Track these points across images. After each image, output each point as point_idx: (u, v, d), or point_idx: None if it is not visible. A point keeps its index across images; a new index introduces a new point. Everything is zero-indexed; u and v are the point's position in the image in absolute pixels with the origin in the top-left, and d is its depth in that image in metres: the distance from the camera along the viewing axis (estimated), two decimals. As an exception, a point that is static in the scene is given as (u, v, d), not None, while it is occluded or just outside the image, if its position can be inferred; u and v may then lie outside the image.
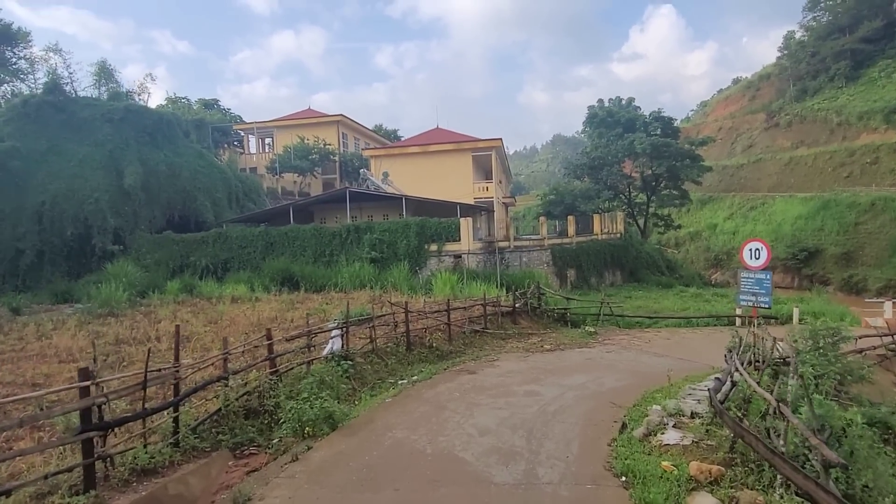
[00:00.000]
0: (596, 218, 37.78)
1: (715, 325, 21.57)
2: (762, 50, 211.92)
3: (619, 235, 39.36)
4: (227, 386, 7.70)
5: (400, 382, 10.98)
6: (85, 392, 5.10)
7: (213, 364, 8.44)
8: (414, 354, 13.40)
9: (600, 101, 58.82)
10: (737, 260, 53.81)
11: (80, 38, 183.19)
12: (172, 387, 6.83)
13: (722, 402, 6.61)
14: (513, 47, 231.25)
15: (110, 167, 31.34)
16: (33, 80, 35.03)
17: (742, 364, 7.89)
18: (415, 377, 11.42)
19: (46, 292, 27.25)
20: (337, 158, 49.58)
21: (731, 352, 10.99)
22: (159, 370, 6.85)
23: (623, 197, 51.74)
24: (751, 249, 11.78)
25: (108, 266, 25.65)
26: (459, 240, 29.22)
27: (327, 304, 21.29)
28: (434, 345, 14.30)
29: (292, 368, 9.66)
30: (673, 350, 15.58)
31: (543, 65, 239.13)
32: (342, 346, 11.26)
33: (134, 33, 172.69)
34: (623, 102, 57.24)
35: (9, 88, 35.09)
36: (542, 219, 34.31)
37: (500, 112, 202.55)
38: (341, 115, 53.48)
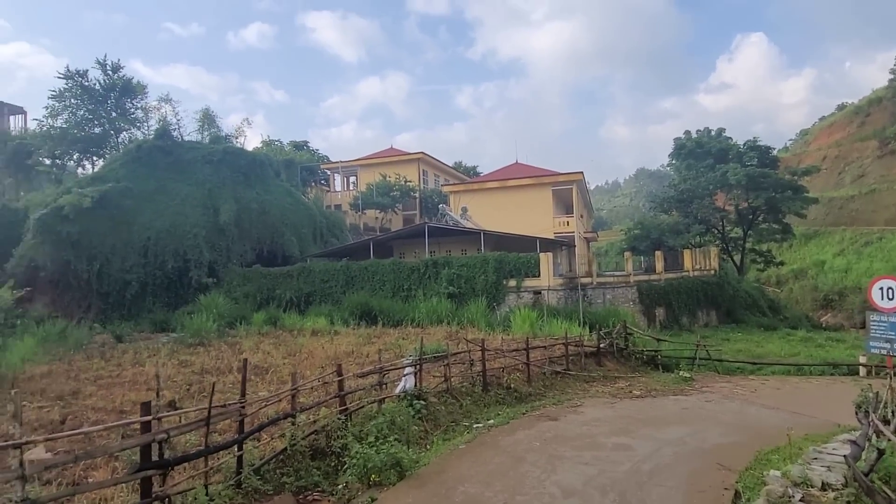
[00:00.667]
0: (686, 253, 35.45)
1: (832, 375, 19.10)
2: (869, 74, 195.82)
3: (712, 272, 36.64)
4: (294, 424, 7.40)
5: (475, 426, 10.28)
6: (146, 427, 4.91)
7: (282, 399, 8.20)
8: (490, 396, 12.65)
9: (687, 132, 56.03)
10: (851, 300, 48.72)
11: (192, 91, 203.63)
12: (237, 423, 6.57)
13: (866, 475, 5.40)
14: (593, 82, 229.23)
15: (208, 205, 33.49)
16: (147, 128, 38.59)
17: (884, 425, 6.55)
18: (491, 421, 10.67)
19: (147, 321, 29.13)
20: (417, 195, 50.43)
21: (859, 407, 9.39)
22: (224, 405, 6.64)
23: (716, 231, 48.48)
24: (882, 288, 10.11)
25: (201, 298, 27.01)
26: (539, 275, 28.28)
27: (403, 339, 21.03)
28: (512, 386, 13.48)
29: (363, 407, 9.26)
30: (786, 402, 13.74)
31: (625, 98, 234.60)
32: (415, 385, 10.76)
33: (238, 85, 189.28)
34: (712, 133, 54.29)
35: (127, 136, 38.79)
36: (627, 254, 32.64)
37: (581, 147, 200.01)
38: (422, 152, 54.64)
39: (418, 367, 10.92)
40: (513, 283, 28.59)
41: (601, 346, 18.42)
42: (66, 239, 29.55)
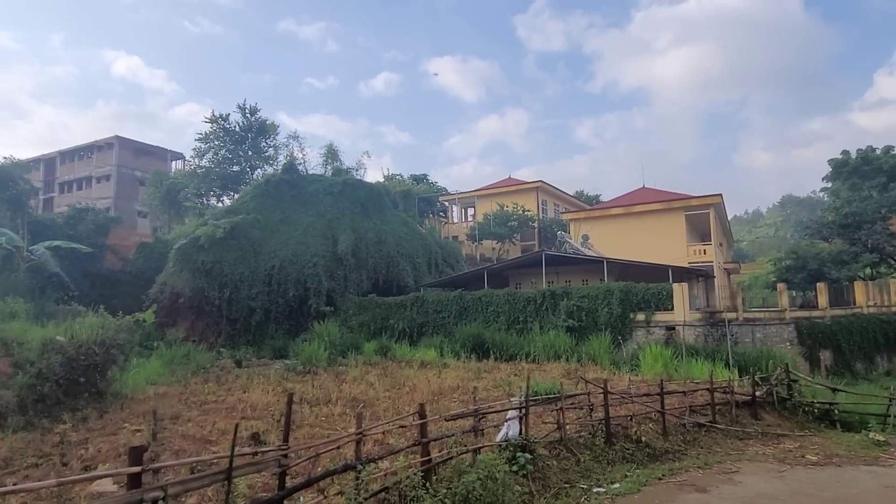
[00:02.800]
0: (858, 286, 29.66)
1: None
2: None
3: (895, 310, 30.24)
4: (358, 478, 5.95)
5: (596, 492, 8.14)
6: (135, 482, 3.73)
7: (341, 446, 6.80)
8: (615, 451, 10.31)
9: (846, 151, 47.99)
10: None
11: (327, 137, 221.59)
12: (278, 477, 5.24)
13: None
14: (725, 107, 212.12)
15: (328, 235, 34.35)
16: (277, 164, 41.08)
17: None
18: (616, 485, 8.45)
19: (269, 347, 30.05)
20: (536, 224, 48.53)
21: None
22: (255, 453, 5.33)
23: (893, 262, 40.68)
24: None
25: (315, 325, 27.19)
26: (672, 308, 24.96)
27: (515, 374, 19.11)
28: (643, 439, 10.99)
29: (452, 458, 7.59)
30: None
31: (764, 122, 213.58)
32: (520, 432, 8.89)
33: (367, 130, 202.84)
34: (877, 151, 46.11)
35: (260, 172, 41.64)
36: (780, 285, 27.90)
37: (714, 176, 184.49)
38: (540, 181, 52.87)
39: (524, 410, 9.04)
40: (641, 316, 25.53)
41: (757, 394, 15.02)
42: (200, 267, 31.66)
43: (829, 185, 51.24)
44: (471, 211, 57.20)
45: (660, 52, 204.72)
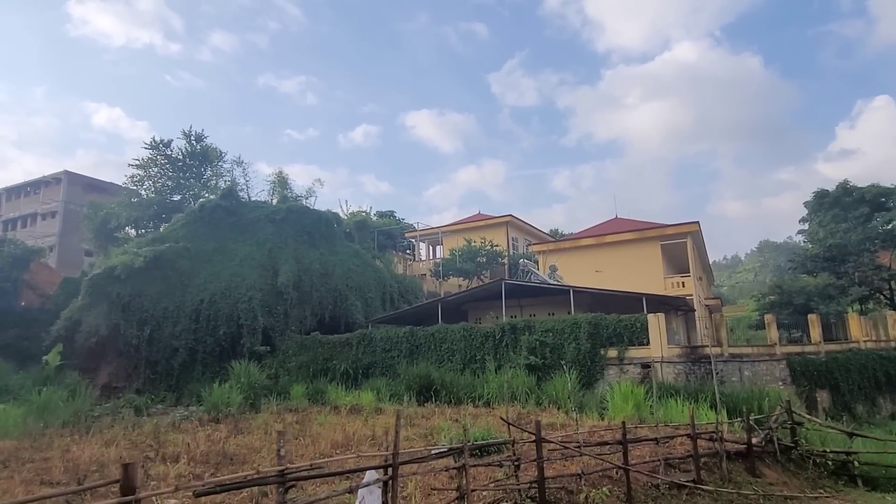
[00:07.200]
0: (853, 319, 26.72)
1: None
2: None
3: (893, 345, 27.27)
4: None
5: None
6: None
7: None
8: (551, 532, 6.76)
9: (824, 189, 45.69)
10: None
11: (307, 186, 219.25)
12: None
13: None
14: (695, 158, 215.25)
15: (268, 266, 30.79)
16: (218, 192, 37.77)
17: None
18: None
19: (189, 393, 26.02)
20: (505, 260, 45.41)
21: None
22: None
23: (882, 296, 38.18)
24: None
25: (235, 365, 23.30)
26: (648, 343, 21.71)
27: (456, 420, 15.47)
28: (596, 511, 7.41)
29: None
30: None
31: (733, 172, 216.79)
32: (382, 508, 5.35)
33: (347, 179, 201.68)
34: (849, 186, 44.07)
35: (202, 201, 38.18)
36: (768, 317, 24.81)
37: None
38: (510, 215, 50.12)
39: (391, 472, 5.52)
40: (613, 352, 22.23)
41: (753, 441, 11.50)
42: (116, 301, 27.74)
43: (806, 226, 49.44)
44: (439, 248, 54.09)
45: (631, 106, 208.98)
